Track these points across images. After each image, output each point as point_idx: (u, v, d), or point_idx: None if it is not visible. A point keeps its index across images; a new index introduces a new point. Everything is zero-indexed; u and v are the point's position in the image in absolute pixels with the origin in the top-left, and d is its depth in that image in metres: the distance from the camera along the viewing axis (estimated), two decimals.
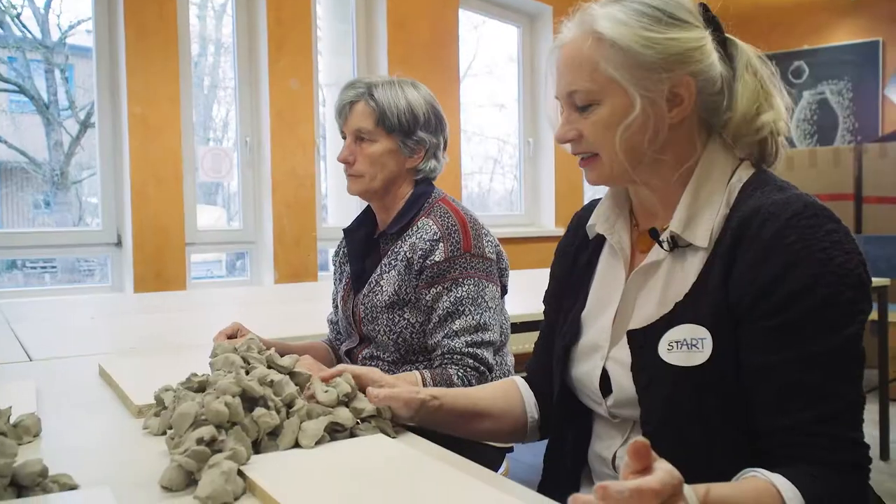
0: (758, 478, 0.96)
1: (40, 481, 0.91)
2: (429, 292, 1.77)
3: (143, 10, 3.83)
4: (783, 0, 6.65)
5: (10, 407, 1.14)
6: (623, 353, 1.17)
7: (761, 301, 1.03)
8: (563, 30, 1.21)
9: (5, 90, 4.07)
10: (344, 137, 1.93)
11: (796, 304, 1.01)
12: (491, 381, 1.74)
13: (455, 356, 1.71)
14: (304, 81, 4.40)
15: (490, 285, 1.79)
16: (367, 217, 2.01)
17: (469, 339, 1.72)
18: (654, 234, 1.19)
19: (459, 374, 1.68)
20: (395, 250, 1.85)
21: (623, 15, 1.14)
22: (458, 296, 1.74)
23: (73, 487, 0.93)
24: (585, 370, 1.24)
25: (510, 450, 1.97)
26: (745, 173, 1.17)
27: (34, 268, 4.27)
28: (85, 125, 4.18)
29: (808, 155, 5.61)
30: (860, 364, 1.03)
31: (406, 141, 1.88)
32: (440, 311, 1.75)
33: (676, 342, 1.09)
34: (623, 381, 1.16)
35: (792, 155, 5.64)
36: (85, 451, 1.13)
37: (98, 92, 3.90)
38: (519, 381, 1.42)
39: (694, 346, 1.07)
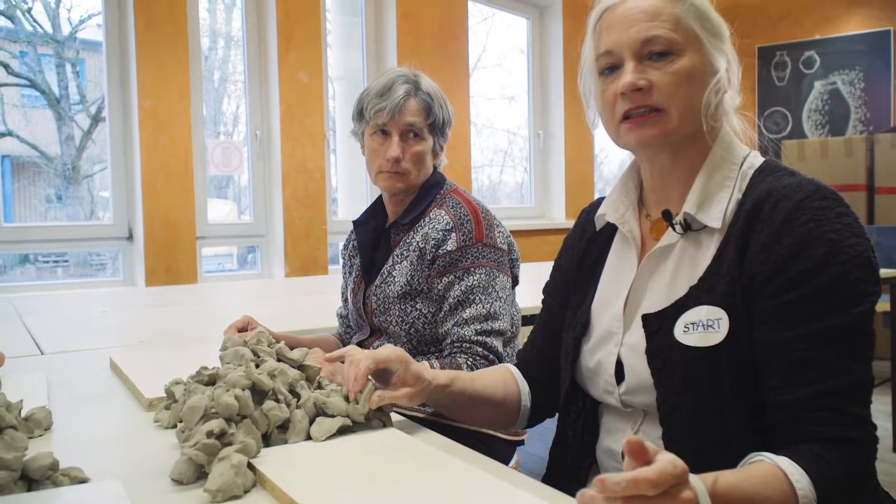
0: (764, 462, 0.97)
1: (51, 474, 0.91)
2: (441, 281, 1.77)
3: (152, 4, 3.84)
4: None
5: (21, 400, 1.15)
6: (636, 338, 1.17)
7: (773, 279, 1.04)
8: None
9: (17, 85, 4.08)
10: (385, 133, 1.87)
11: (807, 282, 1.02)
12: None
13: (464, 344, 1.71)
14: (314, 74, 4.40)
15: (501, 275, 1.79)
16: (376, 209, 2.01)
17: (479, 327, 1.72)
18: (668, 217, 1.19)
19: (469, 362, 1.68)
20: (408, 241, 1.85)
21: None
22: (469, 284, 1.75)
23: (84, 480, 0.93)
24: (599, 359, 1.24)
25: (521, 443, 1.97)
26: (756, 160, 1.18)
27: (46, 262, 4.29)
28: (96, 119, 4.19)
29: (820, 145, 5.58)
30: (869, 344, 1.04)
31: (439, 139, 1.91)
32: (451, 300, 1.75)
33: (692, 324, 1.10)
34: (637, 367, 1.16)
35: (804, 145, 5.61)
36: (95, 444, 1.14)
37: (108, 86, 3.91)
38: (513, 369, 1.43)
39: (710, 326, 1.08)
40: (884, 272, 3.65)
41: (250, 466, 0.96)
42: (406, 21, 4.80)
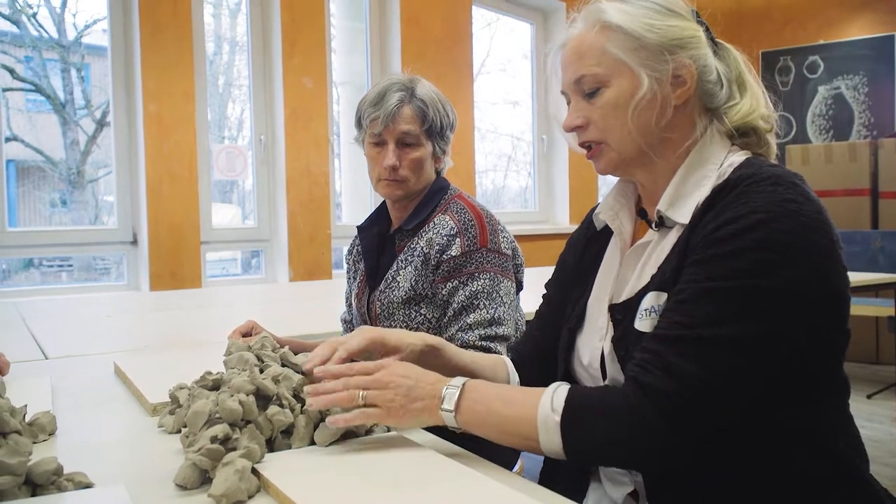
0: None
1: (55, 479, 0.91)
2: (445, 287, 1.77)
3: (157, 9, 3.85)
4: None
5: (26, 405, 1.15)
6: (612, 330, 1.21)
7: (709, 239, 1.05)
8: (568, 30, 1.25)
9: (22, 89, 4.09)
10: (381, 143, 1.87)
11: (736, 238, 1.02)
12: None
13: (469, 349, 1.71)
14: (318, 79, 4.40)
15: (505, 280, 1.79)
16: (380, 214, 2.01)
17: (483, 332, 1.72)
18: (643, 215, 1.25)
19: None
20: (412, 246, 1.86)
21: (626, 6, 1.19)
22: (474, 290, 1.75)
23: (88, 486, 0.94)
24: (588, 353, 1.27)
25: None
26: (736, 158, 1.18)
27: (51, 266, 4.30)
28: (101, 124, 4.20)
29: (824, 150, 5.57)
30: (772, 304, 1.00)
31: (439, 143, 1.90)
32: (455, 305, 1.75)
33: (646, 310, 1.13)
34: (613, 359, 1.19)
35: (808, 150, 5.60)
36: (100, 449, 1.14)
37: (113, 91, 3.92)
38: (507, 361, 1.44)
39: (657, 311, 1.10)
40: (888, 277, 3.64)
41: (254, 471, 0.96)
42: (410, 26, 4.81)
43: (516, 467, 1.97)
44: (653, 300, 1.12)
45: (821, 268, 1.02)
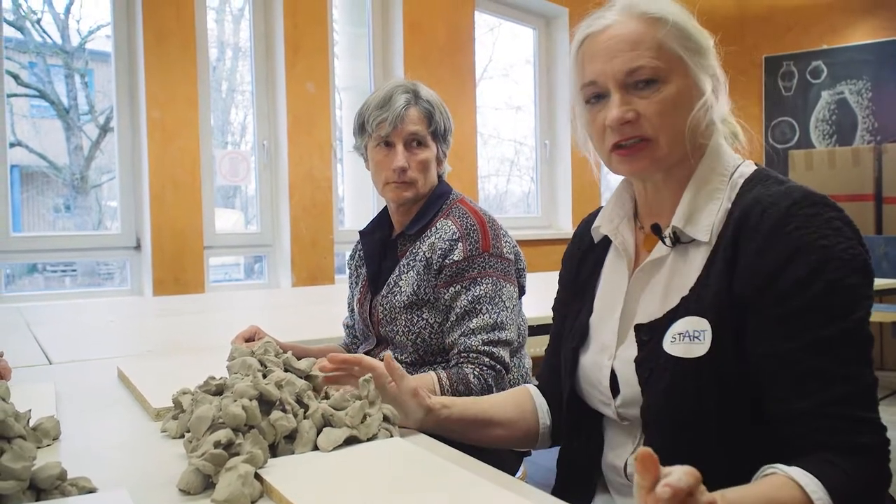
0: (776, 473, 0.96)
1: (59, 484, 0.91)
2: (447, 291, 1.77)
3: (161, 16, 3.86)
4: (799, 1, 6.61)
5: (30, 410, 1.15)
6: (630, 351, 1.18)
7: (767, 290, 1.03)
8: (601, 18, 1.18)
9: (26, 95, 4.10)
10: (389, 145, 1.87)
11: (802, 292, 1.01)
12: (507, 381, 1.74)
13: (471, 354, 1.71)
14: (321, 85, 4.41)
15: (508, 285, 1.79)
16: (382, 219, 2.01)
17: (485, 337, 1.72)
18: (657, 231, 1.20)
19: (475, 372, 1.68)
20: (414, 251, 1.86)
21: (669, 1, 1.17)
22: (476, 294, 1.74)
23: (92, 490, 0.94)
24: (594, 371, 1.24)
25: (528, 454, 1.97)
26: (746, 169, 1.17)
27: (54, 271, 4.31)
28: (104, 129, 4.21)
29: (828, 155, 5.57)
30: (868, 347, 1.03)
31: (442, 146, 1.91)
32: (458, 310, 1.75)
33: (679, 334, 1.10)
34: (629, 378, 1.17)
35: (811, 155, 5.60)
36: (103, 453, 1.14)
37: (117, 96, 3.93)
38: (531, 388, 1.43)
39: (696, 337, 1.08)
40: (890, 282, 3.63)
41: (257, 477, 0.96)
42: (413, 31, 4.81)
43: (519, 473, 1.97)
44: (689, 325, 1.09)
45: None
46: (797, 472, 0.94)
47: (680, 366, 1.08)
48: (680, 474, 0.70)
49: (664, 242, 1.18)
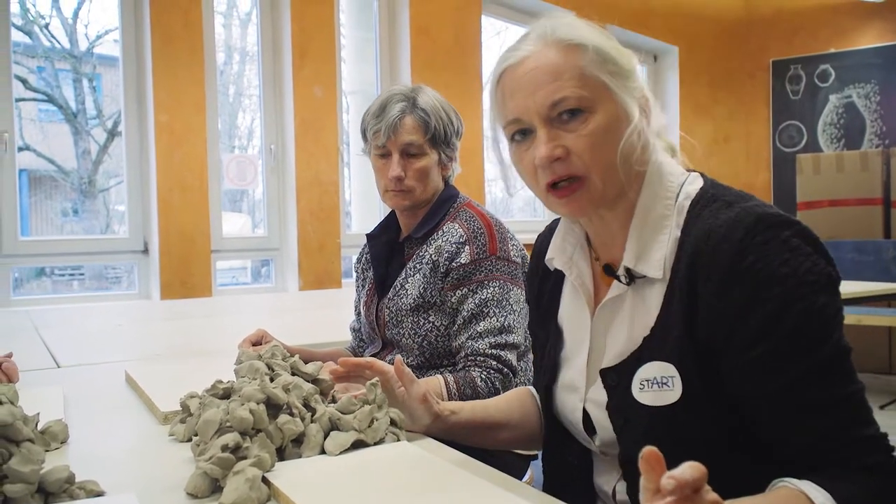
0: (787, 487, 0.94)
1: (67, 487, 0.91)
2: (454, 294, 1.77)
3: (169, 20, 3.87)
4: (806, 4, 6.60)
5: (38, 413, 1.15)
6: (600, 393, 1.14)
7: (737, 333, 0.98)
8: (517, 50, 1.11)
9: (34, 99, 4.12)
10: (386, 154, 1.88)
11: (774, 328, 0.96)
12: (515, 384, 1.74)
13: (478, 358, 1.71)
14: (328, 89, 4.42)
15: (515, 288, 1.79)
16: (389, 223, 2.02)
17: (493, 340, 1.72)
18: (609, 271, 1.15)
19: (483, 376, 1.67)
20: (421, 254, 1.86)
21: (586, 26, 1.11)
22: (483, 298, 1.74)
23: (100, 494, 0.94)
24: (568, 410, 1.21)
25: (534, 457, 1.96)
26: (691, 188, 1.11)
27: (62, 275, 4.32)
28: (112, 134, 4.23)
29: (836, 159, 5.55)
30: (849, 358, 0.99)
31: (445, 150, 1.90)
32: (465, 313, 1.75)
33: (647, 381, 1.06)
34: (603, 422, 1.14)
35: (819, 159, 5.58)
36: (111, 457, 1.14)
37: (125, 101, 3.94)
38: (532, 390, 1.42)
39: (665, 384, 1.04)
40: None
41: (265, 480, 0.96)
42: (420, 36, 4.82)
43: (526, 477, 1.97)
44: (656, 371, 1.05)
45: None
46: (808, 486, 0.93)
47: (653, 414, 1.05)
48: (685, 467, 0.69)
49: (619, 280, 1.13)
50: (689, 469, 0.69)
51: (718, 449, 1.04)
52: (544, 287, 1.32)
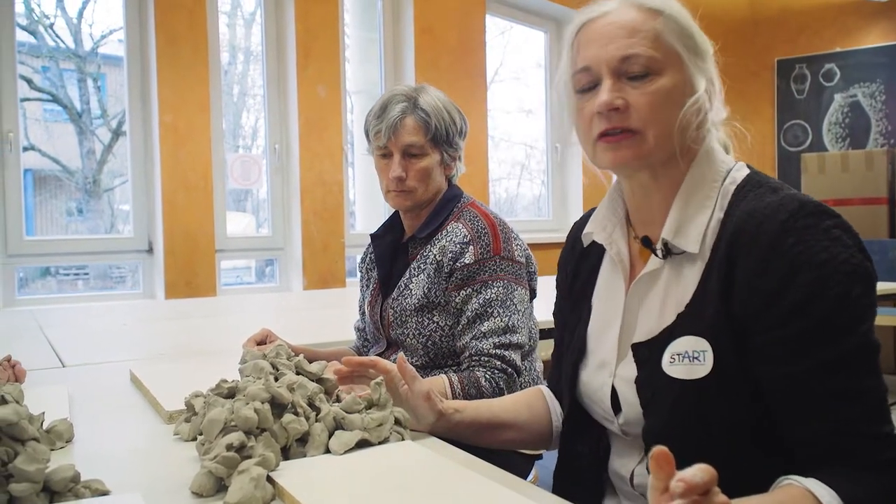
0: (793, 485, 0.94)
1: (72, 487, 0.91)
2: (458, 294, 1.77)
3: (173, 20, 3.88)
4: (812, 3, 6.59)
5: (43, 412, 1.16)
6: (629, 368, 1.15)
7: (769, 311, 1.00)
8: (600, 6, 1.15)
9: (39, 99, 4.12)
10: (387, 155, 1.88)
11: (807, 310, 0.97)
12: (519, 384, 1.74)
13: (483, 358, 1.71)
14: (332, 88, 4.42)
15: (519, 288, 1.79)
16: (393, 223, 2.02)
17: (497, 340, 1.72)
18: (647, 243, 1.17)
19: (487, 376, 1.67)
20: (425, 254, 1.86)
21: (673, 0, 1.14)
22: (487, 298, 1.74)
23: (105, 493, 0.94)
24: (595, 388, 1.22)
25: (539, 457, 1.96)
26: (738, 174, 1.14)
27: (67, 275, 4.32)
28: (117, 133, 4.23)
29: (841, 158, 5.54)
30: (877, 355, 1.00)
31: (448, 150, 1.90)
32: (469, 313, 1.75)
33: (678, 354, 1.07)
34: (630, 398, 1.14)
35: (824, 158, 5.57)
36: (116, 456, 1.14)
37: (129, 100, 3.95)
38: (545, 390, 1.42)
39: (696, 358, 1.05)
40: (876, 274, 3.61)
41: (269, 479, 0.96)
42: (424, 35, 4.82)
43: (530, 476, 1.97)
44: (688, 345, 1.06)
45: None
46: (814, 484, 0.93)
47: (682, 388, 1.05)
48: (695, 470, 0.69)
49: (656, 254, 1.14)
50: (700, 472, 0.69)
51: (738, 435, 1.04)
52: (581, 266, 1.33)
